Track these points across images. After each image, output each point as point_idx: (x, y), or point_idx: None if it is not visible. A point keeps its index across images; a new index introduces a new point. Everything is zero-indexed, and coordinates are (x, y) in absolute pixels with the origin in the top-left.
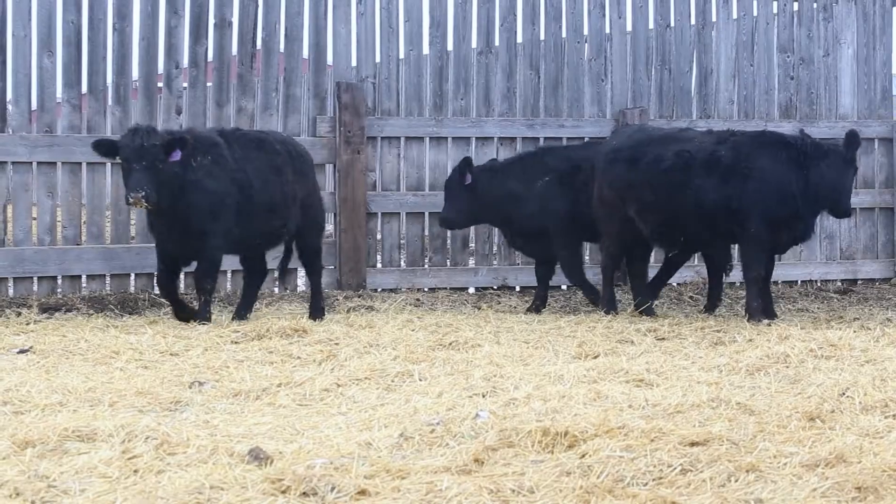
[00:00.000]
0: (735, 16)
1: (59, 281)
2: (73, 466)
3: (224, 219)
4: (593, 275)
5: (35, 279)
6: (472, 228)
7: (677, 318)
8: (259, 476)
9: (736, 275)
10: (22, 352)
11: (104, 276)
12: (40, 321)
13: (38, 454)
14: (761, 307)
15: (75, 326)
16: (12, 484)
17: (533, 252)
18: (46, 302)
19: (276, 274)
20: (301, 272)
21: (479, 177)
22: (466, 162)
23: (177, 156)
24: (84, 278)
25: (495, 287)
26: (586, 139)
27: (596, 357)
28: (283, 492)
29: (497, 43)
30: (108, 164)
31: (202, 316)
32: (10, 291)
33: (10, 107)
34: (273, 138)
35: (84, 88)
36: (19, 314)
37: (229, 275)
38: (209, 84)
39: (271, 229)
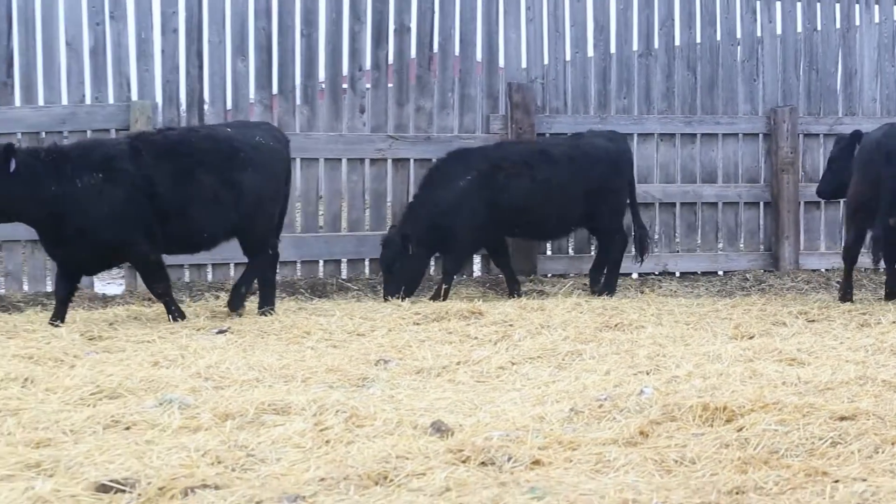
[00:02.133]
0: (877, 20)
1: None
2: (269, 437)
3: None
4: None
5: (232, 265)
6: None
7: (826, 301)
8: (441, 447)
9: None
10: (220, 332)
11: (295, 262)
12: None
13: (237, 426)
14: None
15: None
16: (214, 453)
17: None
18: None
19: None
20: (476, 259)
21: None
22: None
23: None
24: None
25: (657, 273)
26: (740, 135)
27: (751, 338)
28: (464, 461)
29: (656, 46)
30: (297, 159)
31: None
32: (209, 276)
33: (206, 107)
34: (205, 136)
35: (274, 90)
36: (217, 297)
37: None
38: (390, 85)
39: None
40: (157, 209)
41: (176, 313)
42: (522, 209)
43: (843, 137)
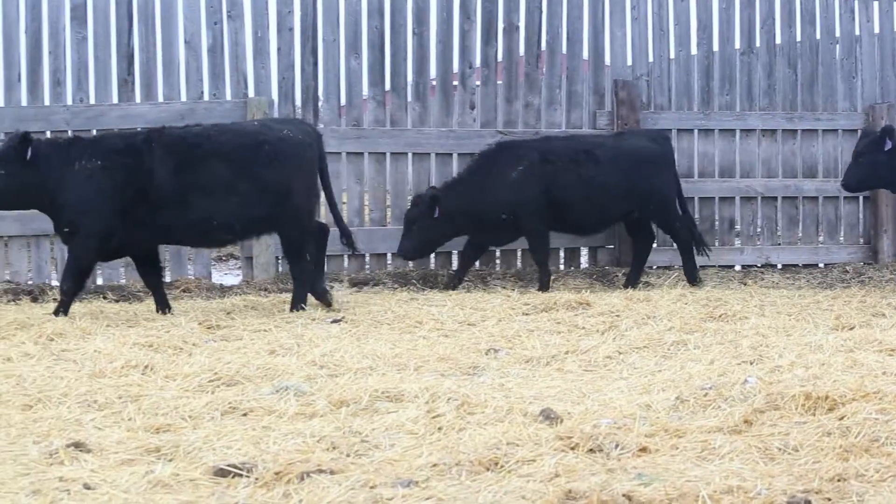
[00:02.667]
0: None
1: (367, 258)
2: (382, 423)
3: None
4: None
5: (345, 257)
6: (739, 211)
7: None
8: (550, 434)
9: None
10: (335, 321)
11: None
12: (350, 294)
13: (351, 412)
14: None
15: (382, 299)
16: (329, 438)
17: None
18: (356, 277)
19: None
20: (584, 251)
21: None
22: None
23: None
24: (389, 256)
25: (759, 265)
26: (839, 131)
27: (852, 328)
28: (573, 448)
29: (758, 44)
30: (409, 154)
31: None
32: (324, 267)
33: (321, 103)
34: (226, 130)
35: (387, 86)
36: (331, 288)
37: (519, 253)
38: (499, 82)
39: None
40: (155, 199)
41: (63, 312)
42: (567, 204)
43: (871, 132)
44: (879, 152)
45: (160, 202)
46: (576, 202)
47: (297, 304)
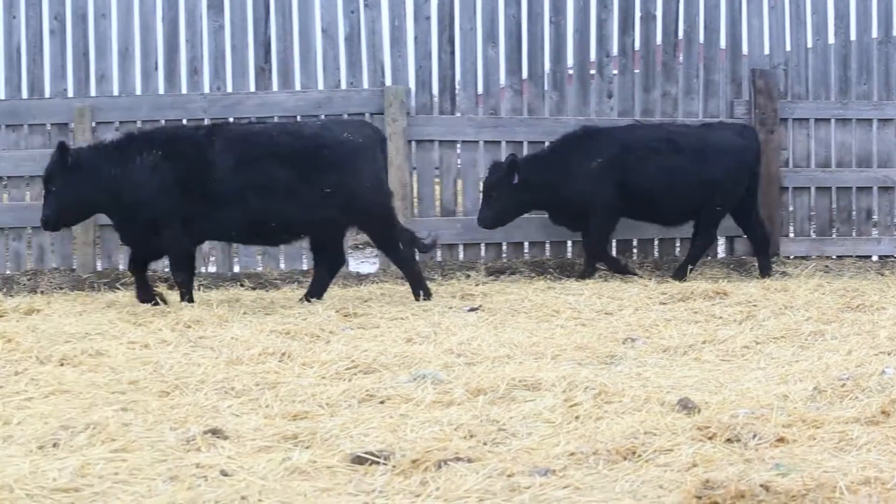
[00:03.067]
0: None
1: (504, 247)
2: (519, 412)
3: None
4: None
5: (482, 245)
6: (876, 201)
7: None
8: (687, 423)
9: None
10: (472, 310)
11: (544, 242)
12: (487, 283)
13: (488, 401)
14: None
15: (519, 287)
16: (467, 427)
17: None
18: (493, 266)
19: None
20: (721, 240)
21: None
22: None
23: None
24: (526, 245)
25: None
26: None
27: None
28: (710, 438)
29: (895, 33)
30: (546, 143)
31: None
32: (461, 256)
33: (458, 92)
34: (287, 130)
35: (524, 75)
36: (468, 276)
37: (656, 242)
38: (636, 71)
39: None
40: (214, 195)
41: (188, 298)
42: (644, 193)
43: None
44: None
45: (217, 198)
46: (654, 191)
47: (418, 291)
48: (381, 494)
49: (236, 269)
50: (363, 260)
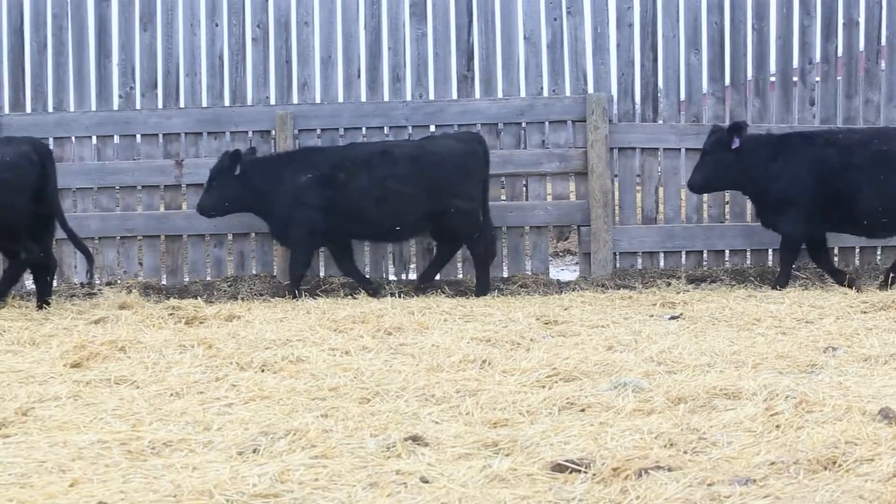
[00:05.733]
0: None
1: (705, 255)
2: (720, 421)
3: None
4: None
5: (683, 253)
6: None
7: None
8: (889, 433)
9: None
10: (673, 318)
11: (745, 251)
12: (687, 290)
13: (689, 409)
14: None
15: (719, 296)
16: (667, 435)
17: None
18: (693, 273)
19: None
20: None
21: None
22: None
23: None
24: (727, 253)
25: None
26: None
27: None
28: None
29: None
30: None
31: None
32: (661, 263)
33: (661, 99)
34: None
35: (726, 82)
36: (668, 284)
37: (857, 250)
38: (839, 78)
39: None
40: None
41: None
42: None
43: (719, 129)
44: (726, 151)
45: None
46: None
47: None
48: (581, 502)
49: (436, 276)
50: (563, 267)
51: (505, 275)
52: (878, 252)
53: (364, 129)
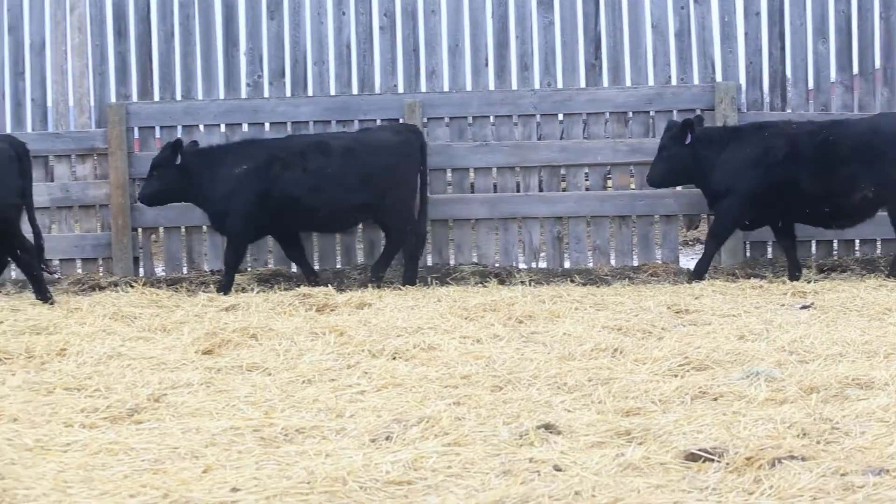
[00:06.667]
0: None
1: (835, 244)
2: (852, 411)
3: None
4: None
5: (813, 242)
6: None
7: None
8: None
9: None
10: (804, 307)
11: (875, 240)
12: (818, 280)
13: (821, 399)
14: None
15: (850, 285)
16: (800, 425)
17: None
18: (823, 263)
19: None
20: None
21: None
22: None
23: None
24: (857, 242)
25: None
26: None
27: None
28: None
29: None
30: None
31: None
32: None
33: (789, 88)
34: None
35: (854, 71)
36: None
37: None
38: None
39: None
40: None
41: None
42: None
43: (674, 124)
44: (681, 146)
45: None
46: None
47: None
48: (715, 492)
49: (566, 264)
50: (693, 256)
51: (635, 263)
52: None
53: (492, 117)
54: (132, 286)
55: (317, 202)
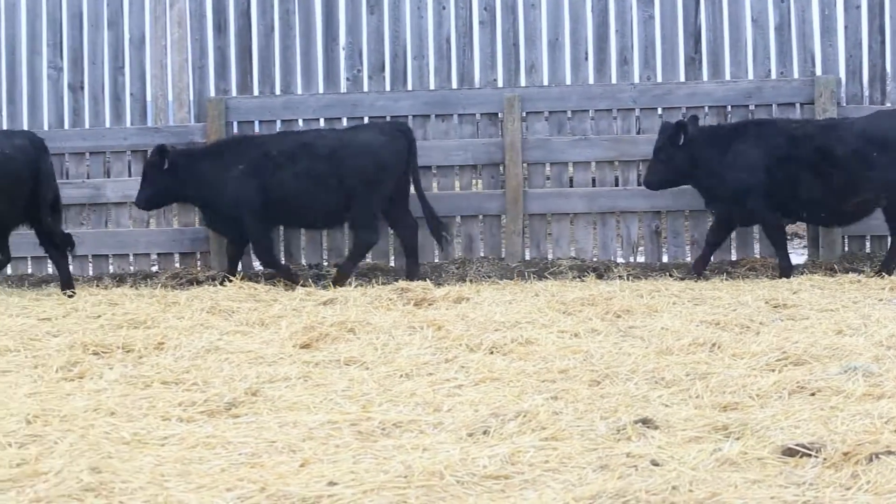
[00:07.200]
0: None
1: None
2: None
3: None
4: None
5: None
6: None
7: None
8: None
9: None
10: None
11: None
12: None
13: None
14: None
15: None
16: None
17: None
18: None
19: None
20: None
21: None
22: None
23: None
24: None
25: None
26: None
27: None
28: None
29: None
30: None
31: None
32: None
33: (889, 82)
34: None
35: None
36: None
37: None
38: None
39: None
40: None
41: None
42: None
43: (668, 126)
44: (675, 147)
45: None
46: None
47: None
48: (812, 487)
49: (665, 258)
50: (791, 251)
51: (733, 258)
52: None
53: (591, 111)
54: (230, 280)
55: (303, 200)
